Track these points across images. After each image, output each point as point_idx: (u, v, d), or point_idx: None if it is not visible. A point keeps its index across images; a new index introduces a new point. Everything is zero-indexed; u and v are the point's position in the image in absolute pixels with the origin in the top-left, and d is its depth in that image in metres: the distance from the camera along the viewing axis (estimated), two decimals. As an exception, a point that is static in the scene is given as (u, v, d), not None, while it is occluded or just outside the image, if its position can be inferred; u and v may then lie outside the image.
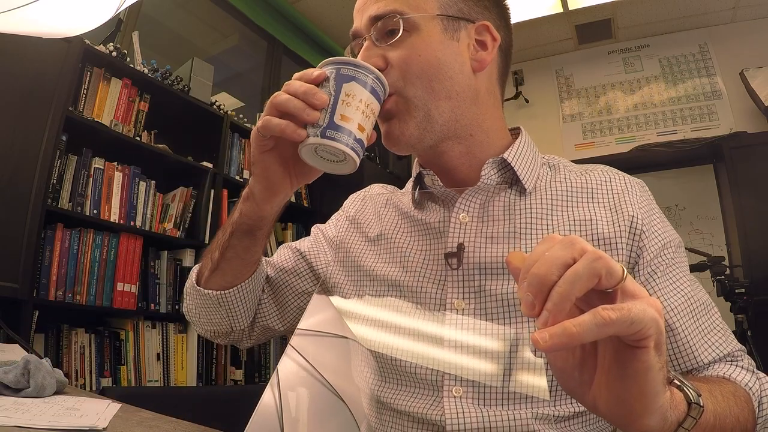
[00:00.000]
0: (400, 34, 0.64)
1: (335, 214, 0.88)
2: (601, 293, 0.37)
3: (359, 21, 0.69)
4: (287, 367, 0.52)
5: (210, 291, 0.73)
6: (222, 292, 0.72)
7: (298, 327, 0.56)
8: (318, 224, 0.87)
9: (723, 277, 2.40)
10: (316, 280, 0.80)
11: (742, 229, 2.74)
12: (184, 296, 0.81)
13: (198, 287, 0.74)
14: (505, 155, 0.67)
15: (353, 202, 0.86)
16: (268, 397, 0.50)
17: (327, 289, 0.79)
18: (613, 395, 0.38)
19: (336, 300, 0.74)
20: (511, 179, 0.69)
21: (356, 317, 0.68)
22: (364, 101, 0.55)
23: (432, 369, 0.61)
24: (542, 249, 0.38)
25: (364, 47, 0.67)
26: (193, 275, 0.77)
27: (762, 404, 0.57)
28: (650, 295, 0.59)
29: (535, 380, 0.56)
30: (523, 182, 0.67)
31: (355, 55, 0.70)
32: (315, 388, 0.52)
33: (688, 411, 0.41)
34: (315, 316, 0.57)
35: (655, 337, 0.36)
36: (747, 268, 2.64)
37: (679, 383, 0.42)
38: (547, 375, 0.58)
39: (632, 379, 0.37)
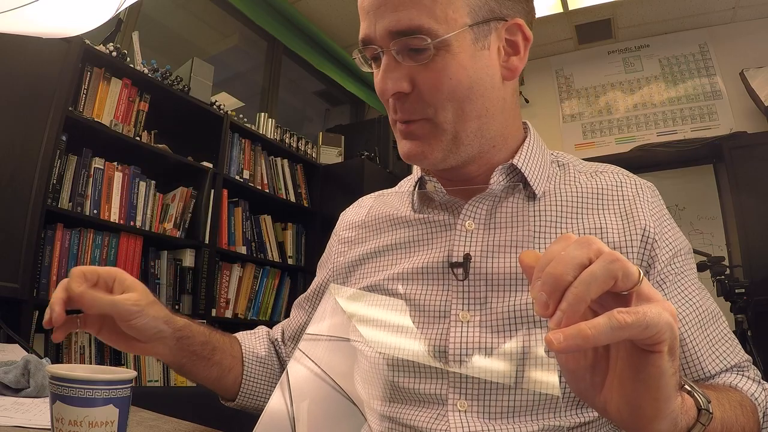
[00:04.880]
0: (428, 53, 0.57)
1: (329, 241, 0.84)
2: (616, 295, 0.37)
3: (371, 27, 0.59)
4: (297, 370, 0.51)
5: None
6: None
7: (306, 332, 0.55)
8: (320, 260, 0.86)
9: (723, 277, 2.40)
10: None
11: (742, 229, 2.74)
12: None
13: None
14: (515, 161, 0.64)
15: (343, 223, 0.82)
16: (276, 398, 0.50)
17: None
18: (625, 399, 0.38)
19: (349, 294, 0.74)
20: (520, 181, 0.65)
21: (358, 331, 0.67)
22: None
23: (436, 383, 0.59)
24: (558, 248, 0.37)
25: (384, 66, 0.59)
26: None
27: (767, 415, 0.56)
28: None
29: (542, 393, 0.55)
30: (533, 187, 0.64)
31: (365, 61, 0.65)
32: (325, 391, 0.52)
33: (698, 417, 0.41)
34: (324, 320, 0.56)
35: (669, 342, 0.35)
36: (747, 268, 2.64)
37: (689, 389, 0.42)
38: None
39: (645, 383, 0.36)
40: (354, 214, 0.81)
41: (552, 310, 0.35)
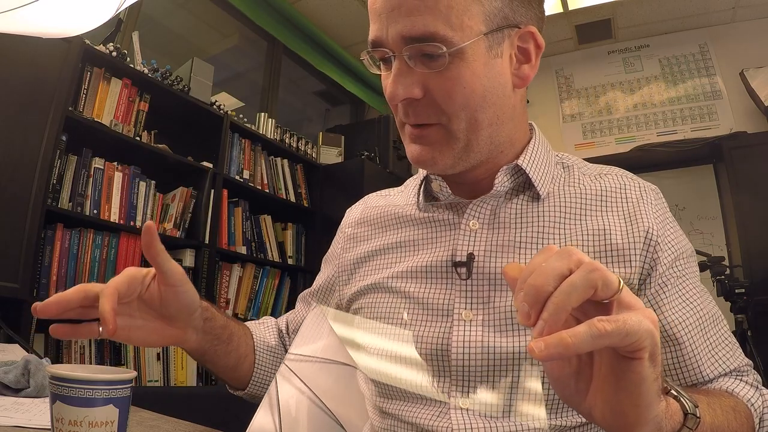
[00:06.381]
0: (442, 61, 0.56)
1: (335, 237, 0.85)
2: (597, 304, 0.38)
3: (383, 30, 0.58)
4: (287, 390, 0.51)
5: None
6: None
7: (295, 353, 0.55)
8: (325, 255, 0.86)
9: (723, 277, 2.40)
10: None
11: (742, 229, 2.74)
12: None
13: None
14: (520, 161, 0.64)
15: (349, 219, 0.82)
16: (262, 417, 0.50)
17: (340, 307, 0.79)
18: (608, 404, 0.39)
19: (339, 313, 0.74)
20: (524, 183, 0.66)
21: (361, 329, 0.67)
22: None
23: (438, 381, 0.60)
24: (539, 260, 0.38)
25: (396, 71, 0.58)
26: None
27: (763, 421, 0.56)
28: (660, 306, 0.59)
29: (540, 393, 0.55)
30: (537, 188, 0.64)
31: (374, 63, 0.63)
32: (314, 413, 0.52)
33: (684, 421, 0.42)
34: (315, 342, 0.56)
35: (650, 349, 0.36)
36: (747, 268, 2.64)
37: (676, 393, 0.43)
38: (546, 386, 0.57)
39: (626, 389, 0.37)
40: (360, 211, 0.81)
41: (534, 319, 0.36)
